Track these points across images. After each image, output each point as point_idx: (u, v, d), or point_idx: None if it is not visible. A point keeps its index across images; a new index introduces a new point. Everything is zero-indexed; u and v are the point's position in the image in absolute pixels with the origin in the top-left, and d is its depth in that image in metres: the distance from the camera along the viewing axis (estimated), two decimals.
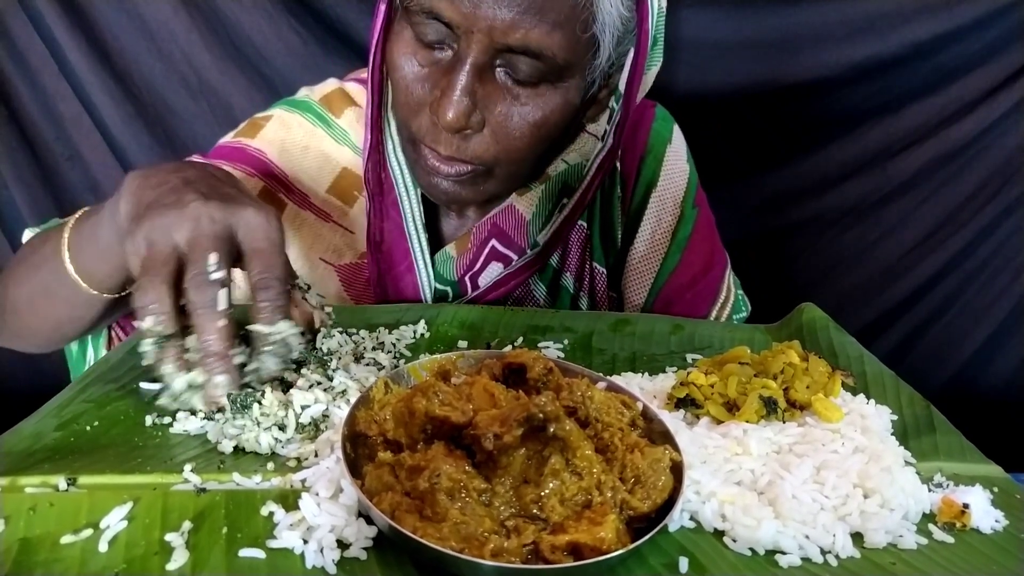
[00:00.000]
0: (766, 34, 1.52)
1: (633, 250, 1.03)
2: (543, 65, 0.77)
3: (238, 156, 0.98)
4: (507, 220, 0.95)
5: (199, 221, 0.63)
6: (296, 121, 1.00)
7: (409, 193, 0.94)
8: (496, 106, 0.80)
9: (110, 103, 1.52)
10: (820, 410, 0.64)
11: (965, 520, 0.57)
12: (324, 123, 0.99)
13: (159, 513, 0.52)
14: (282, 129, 0.99)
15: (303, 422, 0.62)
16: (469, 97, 0.77)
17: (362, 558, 0.49)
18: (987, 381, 1.68)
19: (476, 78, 0.77)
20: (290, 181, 0.98)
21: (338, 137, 0.99)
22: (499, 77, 0.79)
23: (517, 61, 0.77)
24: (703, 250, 1.05)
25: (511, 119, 0.81)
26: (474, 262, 0.95)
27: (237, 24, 1.50)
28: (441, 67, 0.79)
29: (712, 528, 0.55)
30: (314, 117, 1.00)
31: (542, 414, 0.51)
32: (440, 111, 0.78)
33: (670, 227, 1.03)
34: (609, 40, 0.80)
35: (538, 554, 0.48)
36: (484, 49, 0.76)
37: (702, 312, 1.03)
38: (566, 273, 1.03)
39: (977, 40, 1.49)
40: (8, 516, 0.51)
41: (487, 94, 0.79)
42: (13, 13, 1.44)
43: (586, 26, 0.77)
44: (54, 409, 0.65)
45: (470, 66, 0.76)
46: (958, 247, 1.61)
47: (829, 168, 1.63)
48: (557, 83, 0.80)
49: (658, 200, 1.03)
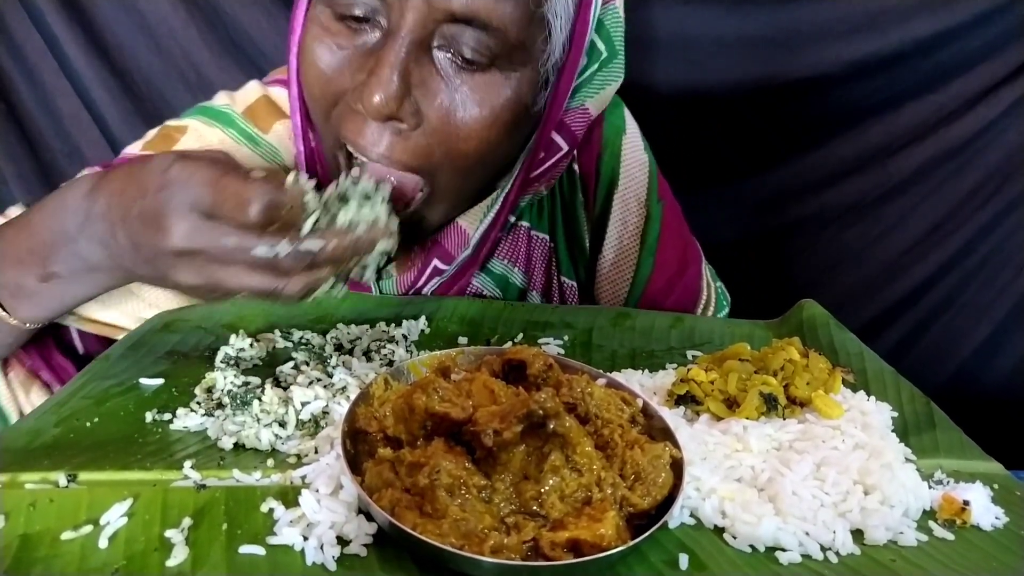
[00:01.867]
0: (766, 31, 1.52)
1: (602, 258, 0.96)
2: (492, 41, 0.67)
3: None
4: (450, 239, 0.85)
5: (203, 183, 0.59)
6: (216, 137, 0.86)
7: None
8: (435, 96, 0.68)
9: (109, 99, 1.52)
10: (820, 407, 0.64)
11: (965, 517, 0.57)
12: (249, 140, 0.85)
13: (159, 509, 0.52)
14: (199, 145, 0.85)
15: (303, 419, 0.62)
16: (400, 78, 0.65)
17: (362, 555, 0.49)
18: (988, 378, 1.68)
19: (411, 56, 0.66)
20: None
21: (267, 156, 0.85)
22: (438, 60, 0.68)
23: (462, 36, 0.66)
24: (676, 247, 0.98)
25: (454, 112, 0.69)
26: (416, 280, 0.87)
27: (235, 20, 1.49)
28: (367, 48, 0.68)
29: (712, 525, 0.55)
30: (237, 133, 0.86)
31: (542, 410, 0.51)
32: (364, 94, 0.65)
33: (637, 228, 0.96)
34: (561, 27, 0.71)
35: (538, 551, 0.48)
36: (421, 19, 0.64)
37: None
38: (532, 292, 0.96)
39: (978, 37, 1.49)
40: (8, 512, 0.51)
41: (424, 79, 0.68)
42: (12, 10, 1.44)
43: (540, 3, 0.68)
44: (53, 406, 0.65)
45: (404, 40, 0.65)
46: (959, 244, 1.61)
47: (829, 165, 1.62)
48: (507, 70, 0.70)
49: (621, 200, 0.95)
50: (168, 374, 0.71)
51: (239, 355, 0.73)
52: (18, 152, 1.53)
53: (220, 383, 0.65)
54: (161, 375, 0.70)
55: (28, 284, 0.70)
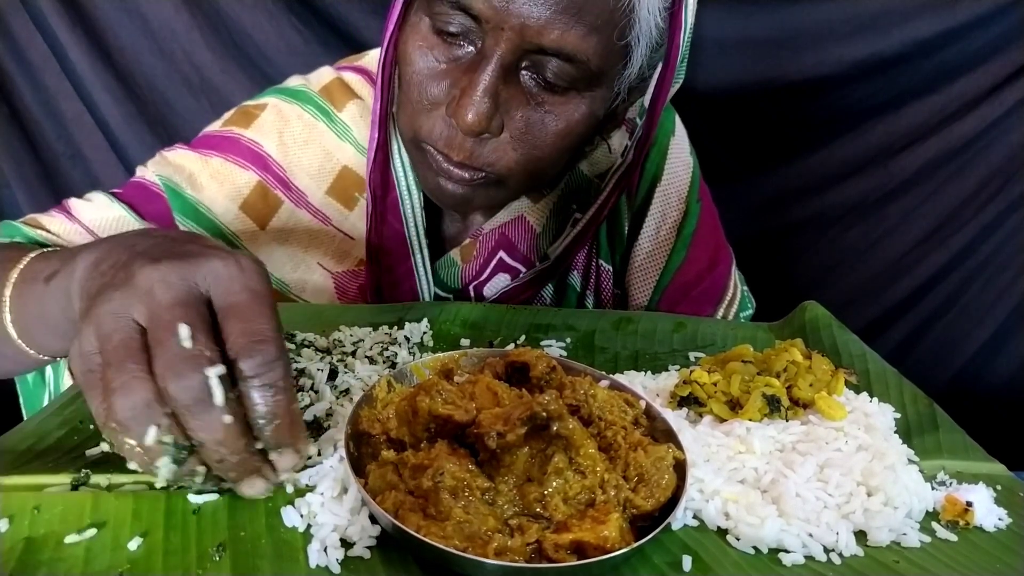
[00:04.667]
0: (768, 32, 1.52)
1: (638, 247, 1.00)
2: (574, 70, 0.73)
3: (230, 147, 0.92)
4: (516, 231, 0.93)
5: (151, 291, 0.47)
6: (295, 113, 0.93)
7: (412, 195, 0.89)
8: (517, 111, 0.75)
9: (111, 102, 1.52)
10: (823, 408, 0.64)
11: (968, 518, 0.57)
12: (326, 117, 0.93)
13: (162, 513, 0.52)
14: (279, 120, 0.92)
15: (306, 420, 0.62)
16: (492, 99, 0.71)
17: (366, 557, 0.49)
18: (990, 379, 1.68)
19: (500, 79, 0.72)
20: (288, 177, 0.92)
21: (340, 133, 0.92)
22: (524, 80, 0.74)
23: (546, 63, 0.72)
24: (708, 245, 1.02)
25: (533, 127, 0.76)
26: (481, 271, 0.93)
27: (238, 22, 1.50)
28: (461, 64, 0.74)
29: (715, 526, 0.55)
30: (315, 110, 0.93)
31: (545, 412, 0.51)
32: (459, 112, 0.72)
33: (675, 223, 1.00)
34: (642, 51, 0.76)
35: (542, 553, 0.48)
36: (513, 48, 0.70)
37: (708, 311, 1.02)
38: (573, 272, 1.01)
39: (979, 38, 1.49)
40: (13, 515, 0.51)
41: (509, 97, 0.74)
42: (15, 12, 1.45)
43: (622, 33, 0.73)
44: (57, 408, 0.65)
45: (495, 65, 0.71)
46: (960, 245, 1.61)
47: (831, 166, 1.63)
48: (585, 91, 0.76)
49: (663, 195, 0.99)
50: None
51: None
52: (21, 155, 1.54)
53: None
54: None
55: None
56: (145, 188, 0.91)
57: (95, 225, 0.87)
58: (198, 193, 0.90)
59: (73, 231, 0.86)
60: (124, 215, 0.88)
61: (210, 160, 0.91)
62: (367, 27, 1.50)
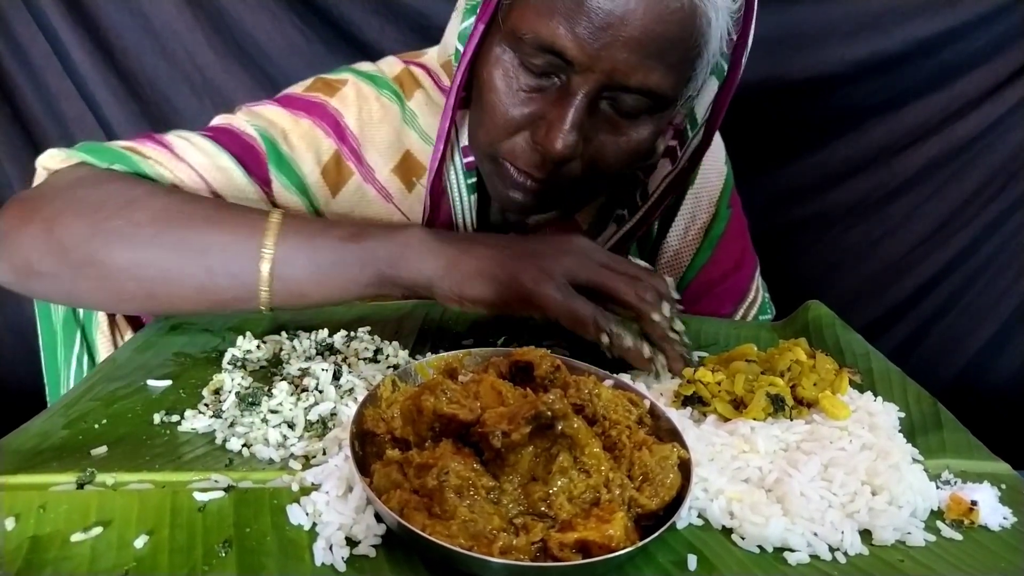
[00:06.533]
0: (769, 31, 1.51)
1: (665, 245, 1.03)
2: (651, 101, 0.78)
3: (318, 111, 0.94)
4: (563, 227, 0.94)
5: (590, 252, 0.74)
6: (372, 94, 0.96)
7: (462, 196, 0.93)
8: (596, 136, 0.80)
9: (114, 102, 1.52)
10: (827, 407, 0.64)
11: (973, 517, 0.57)
12: (400, 102, 0.96)
13: (167, 511, 0.52)
14: (359, 97, 0.96)
15: (311, 420, 0.63)
16: (578, 131, 0.76)
17: (371, 556, 0.49)
18: (993, 377, 1.68)
19: (586, 113, 0.77)
20: (361, 152, 0.94)
21: (408, 119, 0.96)
22: (603, 108, 0.79)
23: (626, 97, 0.77)
24: (734, 249, 1.05)
25: (607, 148, 0.81)
26: None
27: (241, 22, 1.50)
28: (547, 96, 0.78)
29: (720, 525, 0.55)
30: (391, 94, 0.96)
31: (550, 412, 0.51)
32: (548, 142, 0.77)
33: (704, 224, 1.03)
34: (705, 72, 0.82)
35: (547, 552, 0.48)
36: (599, 88, 0.75)
37: (727, 309, 1.03)
38: None
39: (981, 37, 1.49)
40: (19, 514, 0.51)
41: (590, 126, 0.79)
42: (16, 12, 1.44)
43: (693, 64, 0.78)
44: (61, 408, 0.65)
45: (583, 102, 0.76)
46: (963, 244, 1.61)
47: (832, 165, 1.62)
48: (655, 114, 0.81)
49: (694, 197, 1.02)
50: (175, 376, 0.71)
51: (246, 357, 0.73)
52: (22, 155, 1.53)
53: (227, 385, 0.65)
54: (168, 377, 0.71)
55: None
56: (238, 137, 0.90)
57: (204, 170, 0.87)
58: (292, 151, 0.91)
59: (181, 169, 0.86)
60: (231, 167, 0.88)
61: (300, 121, 0.92)
62: (370, 27, 1.49)
